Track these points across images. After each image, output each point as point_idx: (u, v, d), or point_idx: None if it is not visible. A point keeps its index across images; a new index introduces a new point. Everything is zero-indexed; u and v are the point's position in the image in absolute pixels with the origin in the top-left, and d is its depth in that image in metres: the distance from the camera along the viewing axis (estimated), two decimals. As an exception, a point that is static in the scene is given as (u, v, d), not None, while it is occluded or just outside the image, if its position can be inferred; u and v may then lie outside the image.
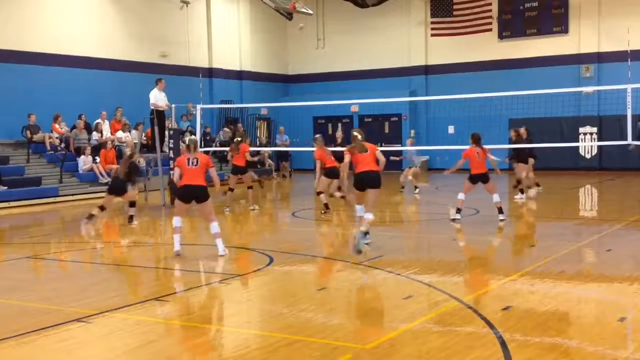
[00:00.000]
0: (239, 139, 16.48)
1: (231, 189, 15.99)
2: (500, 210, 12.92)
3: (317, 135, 15.37)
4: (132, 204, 13.94)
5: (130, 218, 13.85)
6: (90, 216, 13.24)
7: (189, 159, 10.01)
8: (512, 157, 17.93)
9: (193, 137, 12.31)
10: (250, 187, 16.17)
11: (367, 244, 9.93)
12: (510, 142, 17.94)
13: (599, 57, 26.36)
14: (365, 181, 10.25)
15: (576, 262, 9.52)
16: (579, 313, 6.95)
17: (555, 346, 5.66)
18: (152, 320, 6.77)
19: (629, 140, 15.28)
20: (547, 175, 16.92)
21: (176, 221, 10.13)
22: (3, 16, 20.95)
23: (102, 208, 13.52)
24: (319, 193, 14.76)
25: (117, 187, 13.64)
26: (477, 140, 13.11)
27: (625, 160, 24.63)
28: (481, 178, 13.00)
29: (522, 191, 16.86)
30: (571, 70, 26.51)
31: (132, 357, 5.75)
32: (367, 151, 10.30)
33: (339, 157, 15.45)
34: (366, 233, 9.90)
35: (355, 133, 10.45)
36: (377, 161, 10.32)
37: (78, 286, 8.75)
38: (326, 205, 14.60)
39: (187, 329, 6.32)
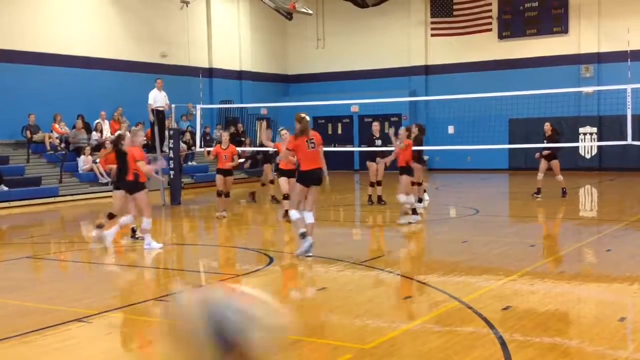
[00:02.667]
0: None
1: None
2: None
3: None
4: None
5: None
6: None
7: None
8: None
9: None
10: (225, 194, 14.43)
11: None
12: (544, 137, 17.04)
13: (599, 57, 26.35)
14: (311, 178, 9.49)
15: (576, 262, 9.52)
16: (579, 313, 6.95)
17: (555, 346, 5.66)
18: (152, 320, 6.77)
19: (629, 140, 15.27)
20: (547, 175, 16.87)
21: None
22: (3, 16, 20.93)
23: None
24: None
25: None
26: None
27: (625, 160, 24.62)
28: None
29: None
30: (571, 70, 26.49)
31: (132, 357, 5.75)
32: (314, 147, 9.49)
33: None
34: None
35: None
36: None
37: (78, 286, 8.75)
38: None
39: (187, 329, 6.30)
